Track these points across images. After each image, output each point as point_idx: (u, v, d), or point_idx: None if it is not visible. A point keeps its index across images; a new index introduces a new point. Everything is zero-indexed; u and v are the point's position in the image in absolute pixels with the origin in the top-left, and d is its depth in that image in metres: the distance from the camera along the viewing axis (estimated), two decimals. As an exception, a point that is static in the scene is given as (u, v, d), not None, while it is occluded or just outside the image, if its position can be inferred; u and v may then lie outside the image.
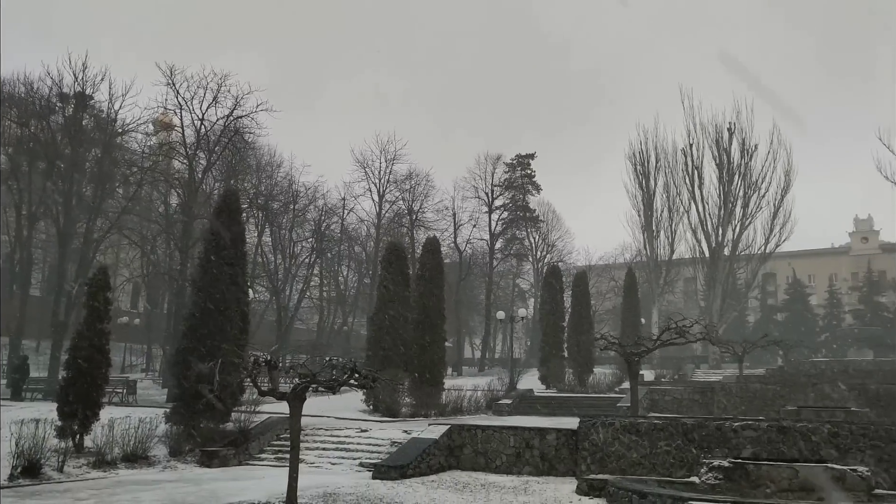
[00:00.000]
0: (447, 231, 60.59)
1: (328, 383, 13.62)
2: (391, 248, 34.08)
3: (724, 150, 56.26)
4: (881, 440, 15.65)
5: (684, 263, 61.38)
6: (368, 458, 19.73)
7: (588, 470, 17.64)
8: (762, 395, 31.72)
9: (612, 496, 14.53)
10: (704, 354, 56.41)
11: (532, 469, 18.91)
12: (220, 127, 40.72)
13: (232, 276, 23.17)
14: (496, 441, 19.54)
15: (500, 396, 33.63)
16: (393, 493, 15.15)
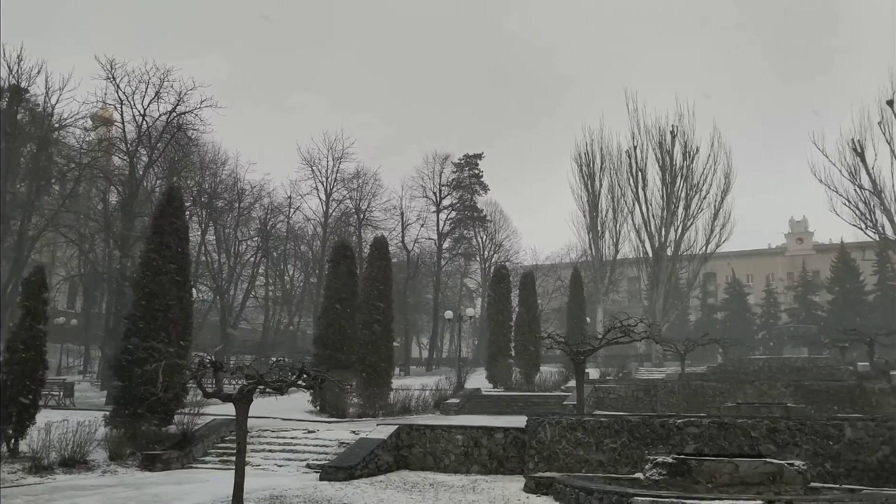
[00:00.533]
0: (395, 230, 60.49)
1: (276, 384, 13.43)
2: (338, 247, 33.81)
3: (667, 153, 57.44)
4: (816, 435, 16.19)
5: (628, 263, 62.45)
6: (316, 460, 19.52)
7: (535, 468, 17.79)
8: (703, 392, 32.52)
9: (560, 494, 14.68)
10: (648, 353, 57.49)
11: (480, 468, 18.98)
12: (162, 123, 39.77)
13: (175, 276, 22.64)
14: (444, 440, 19.56)
15: (448, 396, 33.68)
16: (341, 495, 15.02)
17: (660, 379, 38.84)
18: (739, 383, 33.52)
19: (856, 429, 15.97)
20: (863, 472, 15.51)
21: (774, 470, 14.50)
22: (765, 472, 14.46)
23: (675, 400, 32.38)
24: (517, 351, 41.61)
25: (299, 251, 60.90)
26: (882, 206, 49.55)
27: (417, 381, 37.68)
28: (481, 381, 40.46)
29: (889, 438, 15.54)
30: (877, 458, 15.52)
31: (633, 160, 58.28)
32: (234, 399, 13.20)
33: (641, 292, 64.32)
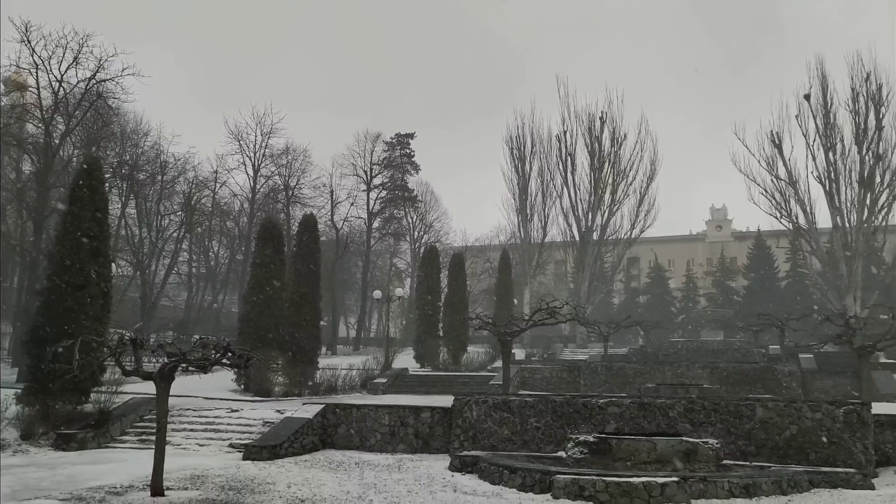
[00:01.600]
0: (324, 208, 59.72)
1: (199, 363, 13.12)
2: (266, 224, 33.16)
3: (595, 139, 58.44)
4: (730, 415, 16.85)
5: (556, 246, 63.47)
6: (239, 439, 19.23)
7: (461, 447, 17.98)
8: (625, 373, 33.44)
9: (484, 472, 14.88)
10: (572, 334, 58.68)
11: (406, 447, 19.06)
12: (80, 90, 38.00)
13: (93, 250, 21.80)
14: (371, 420, 19.54)
15: (376, 375, 33.66)
16: (264, 474, 14.84)
17: (583, 360, 39.73)
18: (659, 365, 34.60)
19: (766, 409, 16.69)
20: (772, 451, 16.25)
21: (690, 448, 15.07)
22: (681, 450, 15.02)
23: (597, 380, 33.19)
24: (445, 331, 41.84)
25: (225, 227, 59.48)
26: (796, 197, 51.68)
27: (345, 361, 37.49)
28: (409, 361, 40.55)
29: (796, 418, 16.31)
30: (784, 437, 16.27)
31: (562, 145, 59.14)
32: (154, 377, 12.84)
33: (568, 275, 65.50)
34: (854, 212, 49.64)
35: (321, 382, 29.64)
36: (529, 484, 13.49)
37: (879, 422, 16.48)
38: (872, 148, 49.27)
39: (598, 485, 12.39)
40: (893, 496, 13.23)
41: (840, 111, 50.82)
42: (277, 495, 12.76)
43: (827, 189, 50.27)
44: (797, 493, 13.32)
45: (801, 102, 51.65)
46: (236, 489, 13.25)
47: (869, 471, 15.20)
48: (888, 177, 49.33)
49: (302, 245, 32.13)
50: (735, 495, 12.72)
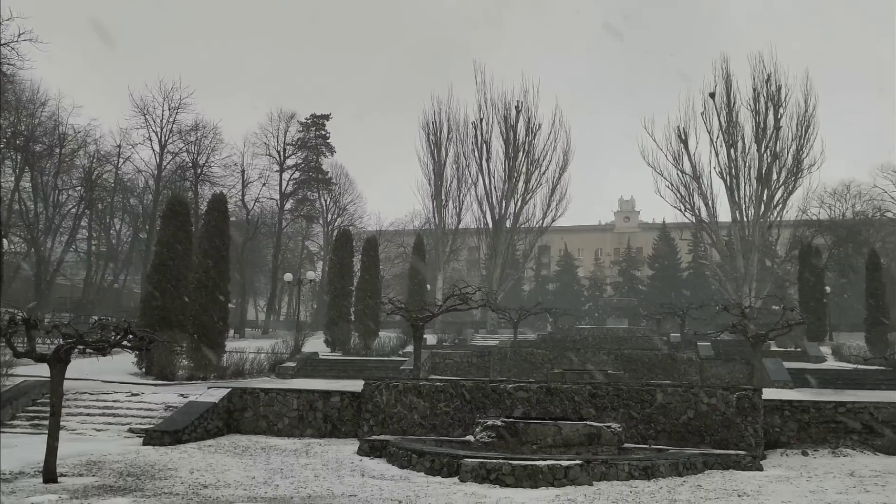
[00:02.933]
0: (235, 188, 58.04)
1: (97, 344, 12.54)
2: (173, 202, 32.01)
3: (511, 127, 59.18)
4: (632, 400, 17.43)
5: (470, 233, 64.03)
6: (140, 424, 18.55)
7: (370, 431, 17.94)
8: (533, 359, 34.06)
9: (393, 456, 14.88)
10: (483, 320, 59.43)
11: (315, 431, 18.85)
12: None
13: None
14: (279, 404, 19.21)
15: (285, 359, 33.18)
16: (166, 460, 14.38)
17: (494, 345, 40.27)
18: (566, 351, 35.41)
19: (666, 394, 17.34)
20: (670, 434, 16.91)
21: (593, 432, 15.48)
22: (585, 434, 15.41)
23: (507, 366, 33.69)
24: (357, 316, 41.59)
25: (128, 204, 57.05)
26: (699, 191, 53.87)
27: (253, 344, 36.72)
28: (320, 345, 40.13)
29: (693, 403, 17.02)
30: (682, 421, 16.97)
31: (478, 132, 59.65)
32: (48, 359, 12.21)
33: (481, 262, 66.24)
34: (752, 207, 52.14)
35: (228, 366, 28.99)
36: (437, 467, 13.57)
37: (769, 407, 17.39)
38: (770, 146, 51.83)
39: (505, 468, 12.58)
40: (779, 476, 13.98)
41: (742, 110, 53.23)
42: (179, 481, 12.39)
43: (728, 184, 52.62)
44: (692, 475, 13.90)
45: (707, 100, 53.76)
46: (135, 475, 12.78)
47: (758, 453, 16.03)
48: (784, 174, 52.00)
49: (210, 225, 31.19)
50: (635, 477, 13.17)
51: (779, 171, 51.96)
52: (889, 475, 14.12)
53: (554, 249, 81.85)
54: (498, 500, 11.27)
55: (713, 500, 11.50)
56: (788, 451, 16.84)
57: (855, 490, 12.63)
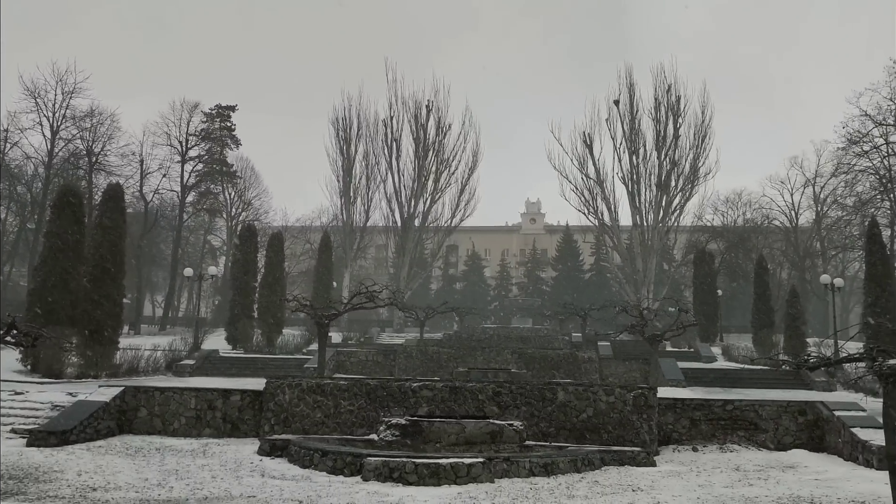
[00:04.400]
0: (133, 178, 55.58)
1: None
2: (65, 191, 30.41)
3: (421, 126, 59.29)
4: (534, 398, 17.75)
5: (378, 231, 63.75)
6: (24, 424, 17.49)
7: (272, 430, 17.57)
8: (439, 358, 34.23)
9: (294, 455, 14.62)
10: (390, 318, 59.31)
11: (213, 431, 18.30)
12: None
13: None
14: (175, 403, 18.54)
15: (183, 357, 32.16)
16: (51, 461, 13.62)
17: (400, 344, 40.23)
18: (471, 350, 35.76)
19: (567, 392, 17.74)
20: (570, 431, 17.32)
21: (496, 430, 15.69)
22: (488, 432, 15.60)
23: (412, 364, 33.72)
24: (260, 312, 40.68)
25: (15, 192, 53.75)
26: (602, 195, 55.47)
27: (149, 341, 35.35)
28: (220, 342, 39.01)
29: (592, 401, 17.48)
30: (581, 419, 17.40)
31: (388, 130, 59.43)
32: (-82, 356, 11.35)
33: (388, 260, 66.10)
34: (651, 212, 54.09)
35: (122, 363, 27.81)
36: (340, 466, 13.42)
37: (663, 405, 18.06)
38: (670, 154, 53.95)
39: (408, 466, 12.56)
40: (671, 472, 14.54)
41: (644, 118, 55.14)
42: (65, 484, 11.75)
43: (629, 190, 54.42)
44: (590, 471, 14.28)
45: (611, 107, 55.43)
46: (17, 478, 12.04)
47: (652, 449, 16.63)
48: (681, 182, 54.21)
49: (105, 216, 29.81)
50: (535, 474, 13.41)
51: (677, 179, 54.13)
52: (771, 469, 14.91)
53: (462, 249, 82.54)
54: (400, 499, 11.23)
55: (609, 496, 11.82)
56: (680, 447, 17.53)
57: (740, 484, 13.26)
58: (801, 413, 18.07)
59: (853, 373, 26.10)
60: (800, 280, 57.64)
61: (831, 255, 61.51)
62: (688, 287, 57.08)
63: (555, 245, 77.85)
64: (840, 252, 60.22)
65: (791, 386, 28.51)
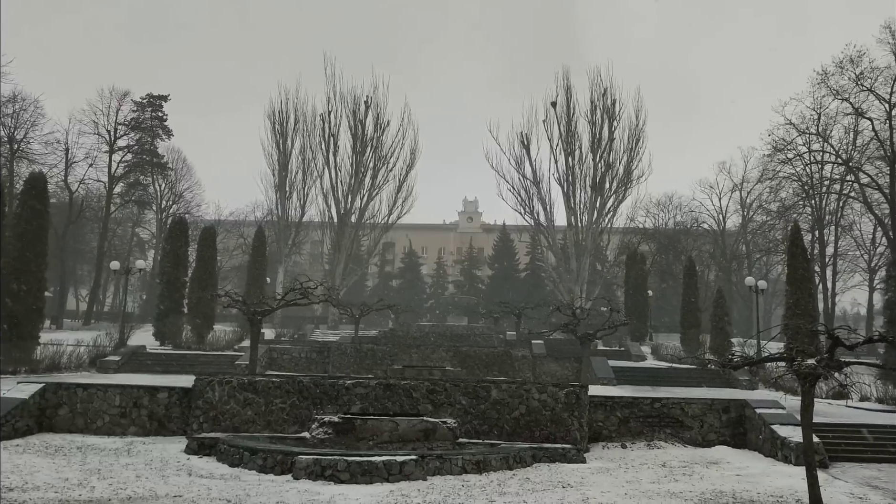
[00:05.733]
0: (57, 167, 53.62)
1: None
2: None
3: (359, 122, 58.83)
4: (468, 395, 17.82)
5: (314, 227, 63.01)
6: (-67, 423, 16.63)
7: (200, 428, 17.18)
8: (374, 355, 34.06)
9: (223, 454, 14.32)
10: (325, 315, 58.70)
11: (139, 429, 17.78)
12: None
13: None
14: (99, 400, 17.93)
15: (108, 353, 31.18)
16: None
17: (334, 341, 39.85)
18: (407, 347, 35.69)
19: (500, 390, 17.88)
20: (503, 429, 17.45)
21: (429, 427, 15.70)
22: (421, 430, 15.60)
23: (347, 362, 33.46)
24: (191, 308, 39.70)
25: (-72, 180, 51.16)
26: (539, 195, 56.15)
27: (72, 336, 34.12)
28: (148, 338, 37.92)
29: (525, 399, 17.66)
30: (514, 416, 17.55)
31: (326, 125, 58.78)
32: None
33: (324, 256, 65.35)
34: (586, 213, 55.00)
35: (42, 359, 26.78)
36: (270, 465, 13.21)
37: (594, 402, 18.39)
38: (604, 157, 54.95)
39: (340, 464, 12.45)
40: (600, 468, 14.82)
41: (581, 121, 56.02)
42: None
43: (565, 191, 55.24)
44: (521, 468, 14.43)
45: (549, 109, 56.11)
46: (-76, 480, 11.44)
47: (582, 446, 16.91)
48: (615, 184, 55.29)
49: (26, 206, 28.65)
50: (467, 471, 13.47)
51: (611, 181, 55.17)
52: (696, 465, 15.34)
53: (399, 246, 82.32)
54: (331, 497, 11.12)
55: (540, 492, 11.96)
56: (609, 444, 17.87)
57: (666, 479, 13.60)
58: (725, 411, 18.65)
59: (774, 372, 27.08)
60: (726, 282, 59.57)
61: (756, 259, 63.82)
62: (620, 287, 58.25)
63: (491, 244, 78.40)
64: (764, 255, 62.56)
65: (716, 384, 29.37)
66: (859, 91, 44.39)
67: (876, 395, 25.36)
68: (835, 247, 55.15)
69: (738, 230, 66.51)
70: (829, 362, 10.93)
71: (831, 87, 45.12)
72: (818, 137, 48.42)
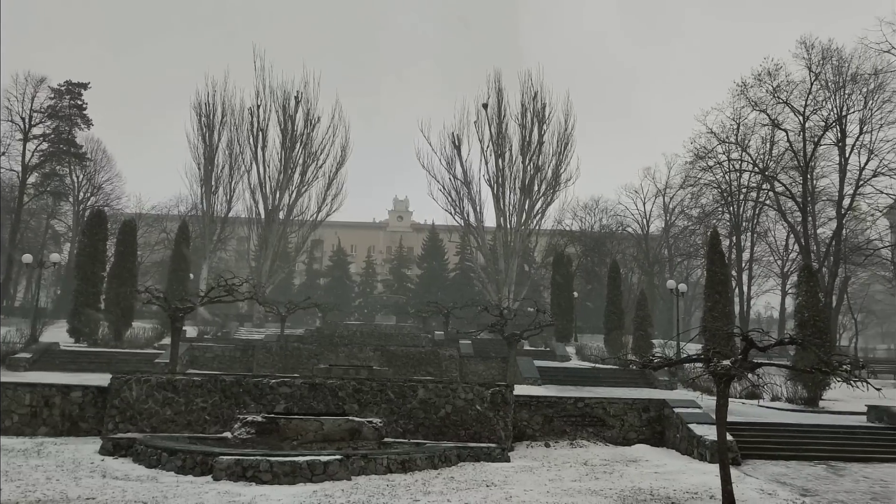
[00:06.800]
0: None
1: None
2: None
3: (289, 117, 57.92)
4: (394, 395, 17.78)
5: (240, 222, 61.72)
6: None
7: (116, 429, 16.63)
8: (300, 354, 33.61)
9: (140, 455, 13.89)
10: (250, 313, 57.57)
11: (50, 430, 17.10)
12: None
13: None
14: (8, 399, 17.16)
15: (18, 350, 29.96)
16: None
17: (259, 339, 39.17)
18: (334, 346, 35.35)
19: (427, 390, 17.90)
20: (428, 428, 17.47)
21: (355, 427, 15.59)
22: (346, 429, 15.47)
23: (272, 360, 32.92)
24: (109, 304, 38.35)
25: None
26: (469, 196, 56.46)
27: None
28: (62, 335, 36.46)
29: (451, 399, 17.74)
30: (440, 416, 17.61)
31: (255, 119, 57.64)
32: None
33: (250, 253, 64.06)
34: (515, 215, 55.62)
35: (-57, 357, 25.43)
36: (190, 466, 12.87)
37: (519, 402, 18.61)
38: (534, 160, 55.67)
39: (263, 464, 12.23)
40: (524, 467, 15.00)
41: (511, 123, 56.58)
42: None
43: (495, 192, 55.71)
44: (447, 467, 14.48)
45: (480, 110, 56.49)
46: None
47: (507, 445, 17.08)
48: (544, 187, 56.08)
49: (-68, 194, 27.11)
50: (392, 471, 13.43)
51: (540, 183, 55.90)
52: (616, 463, 15.71)
53: (327, 244, 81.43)
54: (253, 499, 10.91)
55: (464, 491, 12.02)
56: (533, 443, 18.12)
57: (587, 477, 13.87)
58: (645, 410, 19.15)
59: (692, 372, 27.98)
60: (649, 284, 61.23)
61: (677, 262, 65.85)
62: (546, 288, 59.13)
63: (421, 243, 78.41)
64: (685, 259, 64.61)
65: (637, 384, 30.15)
66: (776, 103, 46.29)
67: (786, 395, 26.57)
68: (751, 252, 57.43)
69: (660, 234, 68.46)
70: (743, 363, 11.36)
71: (750, 99, 46.90)
72: (737, 147, 50.29)
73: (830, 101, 44.72)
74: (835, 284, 44.53)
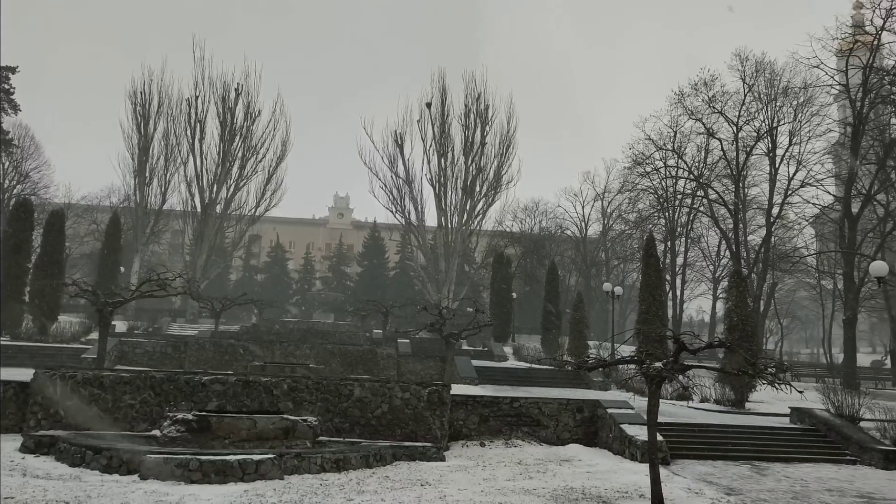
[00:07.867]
0: None
1: None
2: None
3: (228, 110, 56.77)
4: (330, 393, 17.61)
5: (175, 215, 60.20)
6: None
7: (38, 426, 16.02)
8: (234, 351, 33.01)
9: (63, 453, 13.41)
10: (183, 308, 56.26)
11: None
12: None
13: None
14: (-80, 395, 16.32)
15: (-66, 343, 28.41)
16: None
17: (192, 335, 38.27)
18: (269, 343, 34.81)
19: (363, 388, 17.78)
20: (364, 427, 17.36)
21: (289, 425, 15.36)
22: (280, 428, 15.23)
23: (205, 357, 32.24)
24: (33, 297, 36.88)
25: None
26: (411, 195, 56.34)
27: None
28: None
29: (388, 398, 17.66)
30: (376, 415, 17.52)
31: (192, 110, 56.32)
32: None
33: (185, 246, 62.56)
34: (456, 215, 55.75)
35: None
36: (116, 465, 12.48)
37: (455, 401, 18.64)
38: (476, 160, 55.89)
39: (192, 463, 11.95)
40: (459, 466, 15.04)
41: (454, 123, 56.68)
42: None
43: (436, 192, 55.71)
44: (381, 466, 14.42)
45: (424, 109, 56.43)
46: None
47: (443, 444, 17.10)
48: (486, 187, 56.38)
49: None
50: (326, 470, 13.29)
51: (482, 184, 56.15)
52: (550, 463, 15.89)
53: (265, 240, 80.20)
54: (181, 498, 10.64)
55: (398, 490, 11.98)
56: (469, 443, 18.18)
57: (521, 477, 13.98)
58: (579, 410, 19.43)
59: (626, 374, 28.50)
60: (586, 287, 62.25)
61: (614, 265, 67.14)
62: (486, 289, 59.45)
63: (361, 241, 77.93)
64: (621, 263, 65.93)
65: (573, 385, 30.51)
66: (711, 112, 47.67)
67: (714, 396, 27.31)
68: (684, 257, 58.98)
69: (598, 238, 69.70)
70: (674, 365, 11.62)
71: (687, 108, 48.17)
72: (673, 154, 51.55)
73: (763, 112, 46.39)
74: (763, 290, 46.08)
